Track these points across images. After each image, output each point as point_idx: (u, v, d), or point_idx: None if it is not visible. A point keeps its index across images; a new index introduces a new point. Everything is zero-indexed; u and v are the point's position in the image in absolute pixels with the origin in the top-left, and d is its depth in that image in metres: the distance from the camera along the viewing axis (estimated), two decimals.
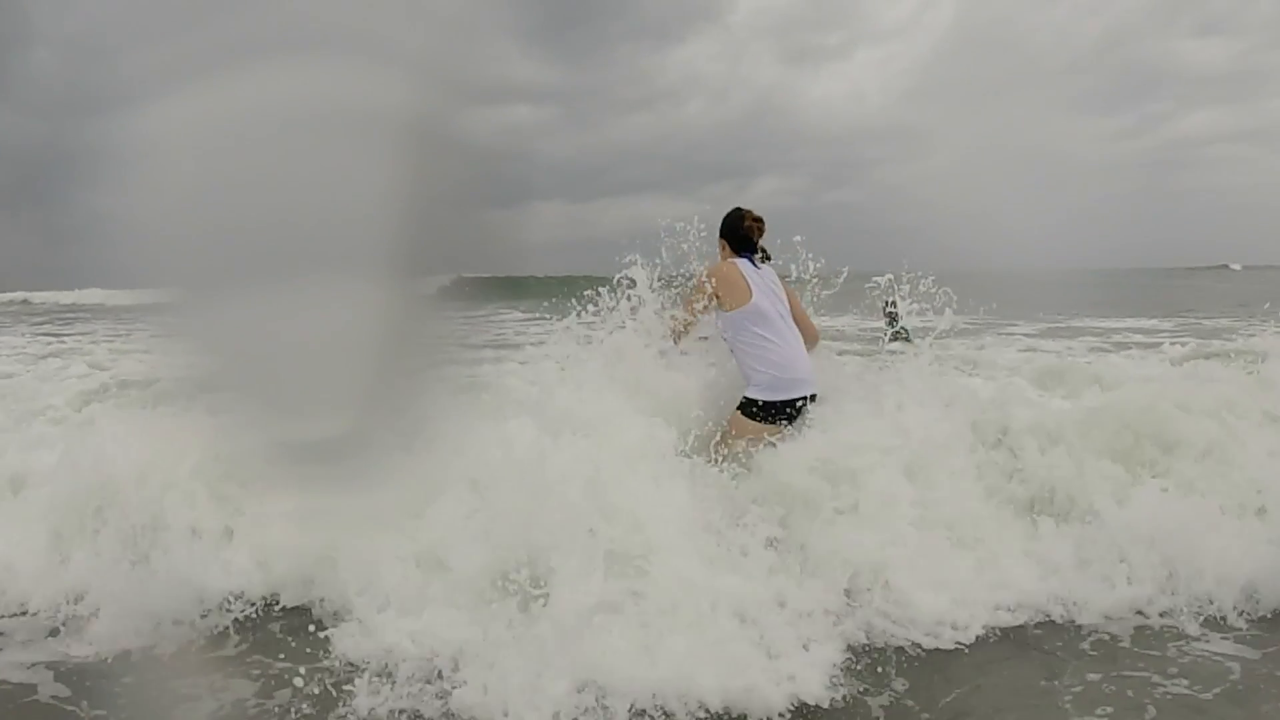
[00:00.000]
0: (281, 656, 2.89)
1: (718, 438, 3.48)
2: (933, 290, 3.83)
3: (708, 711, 2.49)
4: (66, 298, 37.21)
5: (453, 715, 2.52)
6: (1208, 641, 2.93)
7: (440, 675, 2.66)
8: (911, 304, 3.89)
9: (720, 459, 3.37)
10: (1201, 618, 3.09)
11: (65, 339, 15.40)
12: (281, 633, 3.08)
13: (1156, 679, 2.67)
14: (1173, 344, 9.24)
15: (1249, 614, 3.13)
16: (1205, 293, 32.27)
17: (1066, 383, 6.17)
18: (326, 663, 2.80)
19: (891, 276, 3.93)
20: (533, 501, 2.95)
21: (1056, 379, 6.40)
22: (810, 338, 3.97)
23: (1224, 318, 16.61)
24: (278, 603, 3.29)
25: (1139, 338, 12.54)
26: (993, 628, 3.04)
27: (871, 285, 4.01)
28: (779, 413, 3.62)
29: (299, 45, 3.39)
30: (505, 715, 2.45)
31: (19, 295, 41.35)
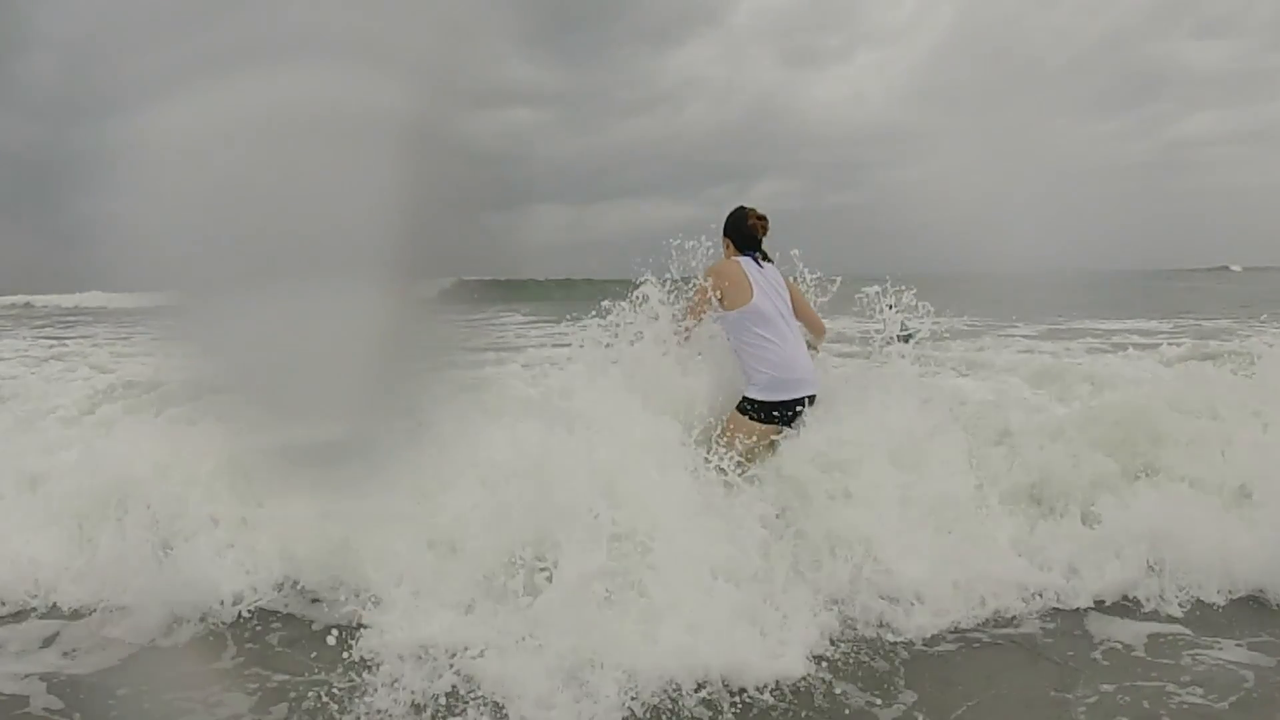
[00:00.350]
0: (281, 664, 2.85)
1: (717, 431, 3.52)
2: (913, 303, 3.96)
3: (706, 685, 2.59)
4: (68, 301, 37.16)
5: (473, 699, 2.54)
6: (1221, 649, 2.88)
7: (454, 663, 2.67)
8: (896, 314, 3.98)
9: (719, 452, 3.39)
10: (1182, 594, 3.25)
11: (67, 342, 15.39)
12: (281, 645, 3.03)
13: (1171, 688, 2.62)
14: (1170, 345, 9.32)
15: (1230, 594, 3.27)
16: (1206, 294, 32.25)
17: (1060, 383, 6.21)
18: (329, 669, 2.76)
19: (879, 289, 4.01)
20: (539, 489, 3.05)
21: (1050, 379, 6.43)
22: (817, 331, 4.01)
23: (1223, 319, 16.59)
24: (283, 608, 3.27)
25: (1136, 338, 12.58)
26: (1001, 635, 3.00)
27: (861, 295, 4.07)
28: (777, 413, 3.62)
29: (298, 49, 3.39)
30: (520, 698, 2.48)
31: (21, 299, 41.30)
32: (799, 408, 3.65)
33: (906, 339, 4.02)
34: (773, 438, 3.65)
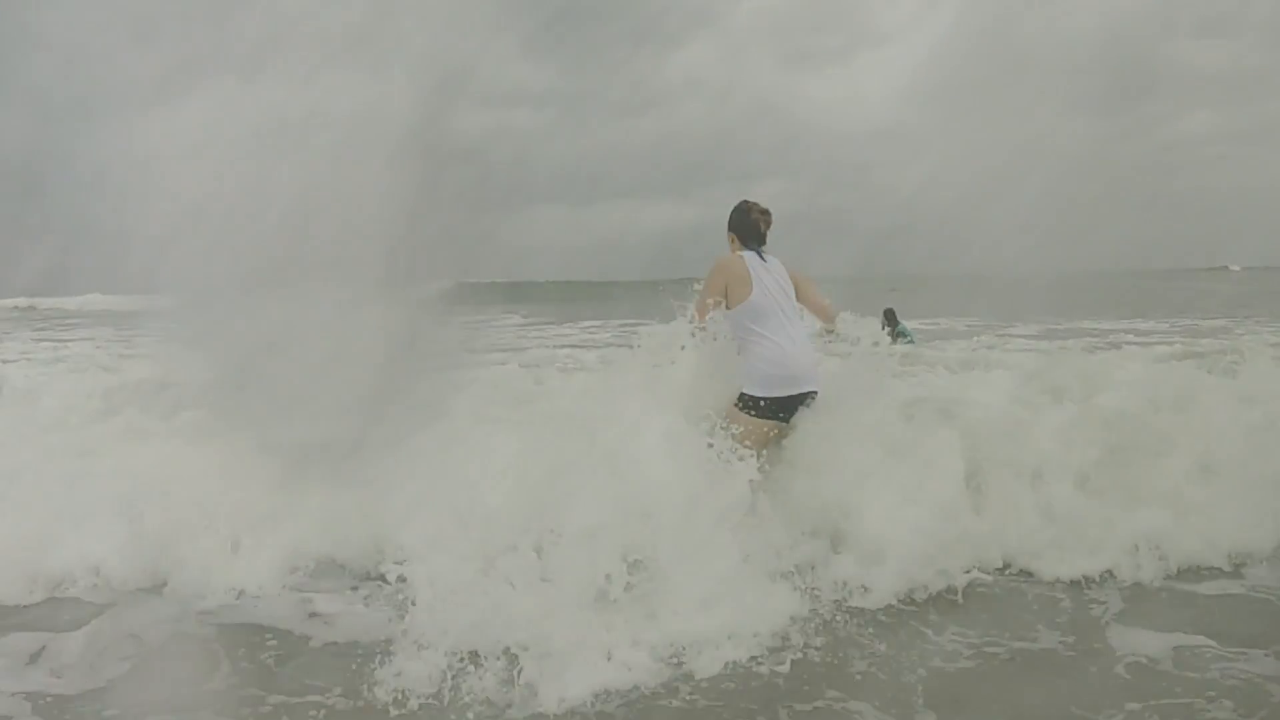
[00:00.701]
0: (277, 684, 2.73)
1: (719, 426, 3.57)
2: (882, 330, 4.08)
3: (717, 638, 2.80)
4: (70, 304, 37.09)
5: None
6: (1247, 660, 2.78)
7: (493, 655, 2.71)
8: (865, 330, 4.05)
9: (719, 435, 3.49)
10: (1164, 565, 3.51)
11: (70, 344, 15.38)
12: (277, 664, 2.92)
13: (1199, 704, 2.52)
14: (1163, 345, 9.41)
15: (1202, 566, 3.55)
16: (1205, 294, 32.31)
17: (1049, 379, 6.32)
18: (326, 689, 2.66)
19: (847, 314, 4.11)
20: (551, 470, 3.25)
21: (1040, 377, 6.53)
22: (826, 317, 4.07)
23: (1221, 319, 16.61)
24: (280, 624, 3.18)
25: (1132, 338, 12.65)
26: (1019, 650, 2.91)
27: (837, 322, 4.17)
28: (772, 409, 3.65)
29: (301, 52, 3.32)
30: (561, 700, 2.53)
31: (24, 301, 41.20)
32: (795, 404, 3.68)
33: (910, 339, 4.16)
34: (770, 433, 3.68)
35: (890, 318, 12.00)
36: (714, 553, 3.06)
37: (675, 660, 2.76)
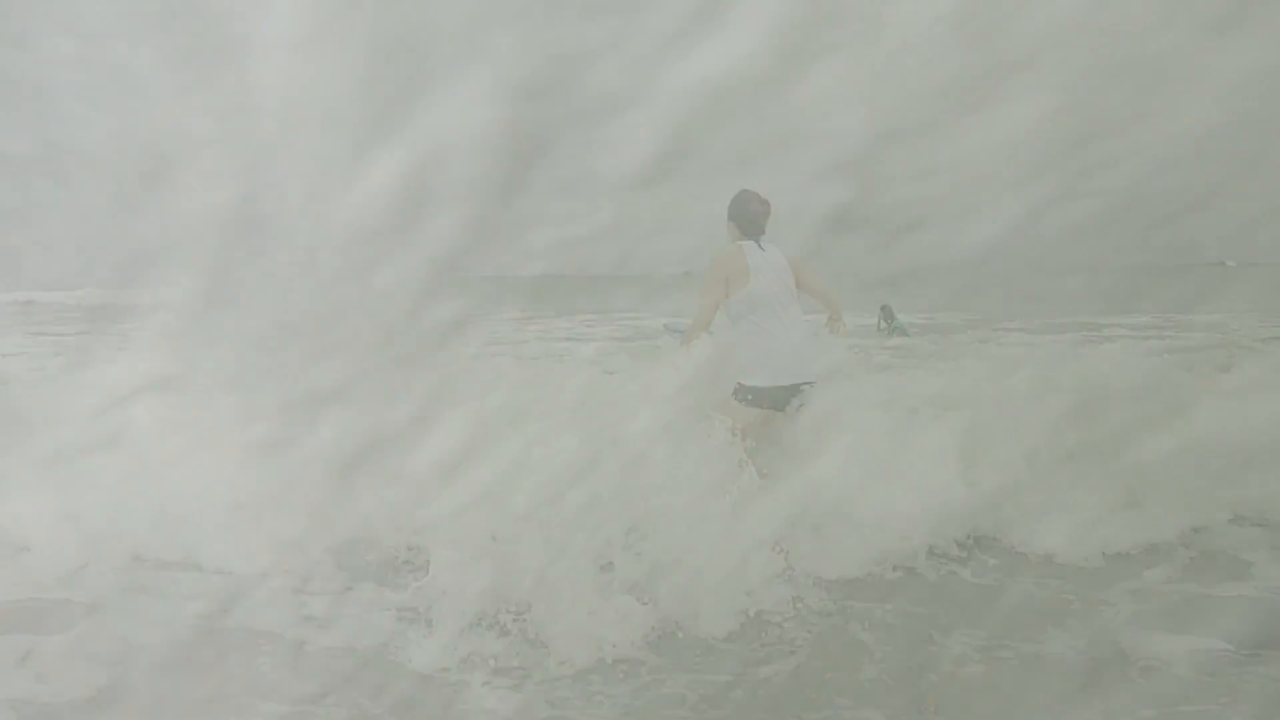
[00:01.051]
0: (271, 691, 2.65)
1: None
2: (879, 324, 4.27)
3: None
4: (68, 299, 37.00)
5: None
6: (1264, 663, 2.72)
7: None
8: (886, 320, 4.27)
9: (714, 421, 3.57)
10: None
11: (67, 338, 15.34)
12: (272, 669, 2.83)
13: (1216, 710, 2.46)
14: (1156, 339, 9.50)
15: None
16: (1202, 290, 32.41)
17: (1039, 369, 6.47)
18: (320, 698, 2.58)
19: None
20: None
21: (1030, 366, 6.63)
22: (830, 304, 4.10)
23: (1217, 314, 16.64)
24: (275, 628, 3.11)
25: (1124, 332, 12.74)
26: (1029, 654, 2.84)
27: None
28: (765, 398, 3.66)
29: (302, 40, 3.27)
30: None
31: (23, 295, 41.07)
32: (789, 395, 3.69)
33: (904, 331, 4.26)
34: (760, 421, 3.69)
35: (887, 313, 12.16)
36: (706, 528, 3.13)
37: (676, 634, 2.85)
